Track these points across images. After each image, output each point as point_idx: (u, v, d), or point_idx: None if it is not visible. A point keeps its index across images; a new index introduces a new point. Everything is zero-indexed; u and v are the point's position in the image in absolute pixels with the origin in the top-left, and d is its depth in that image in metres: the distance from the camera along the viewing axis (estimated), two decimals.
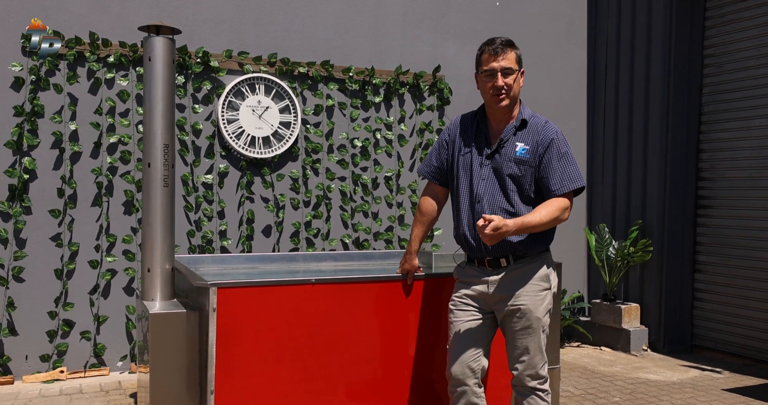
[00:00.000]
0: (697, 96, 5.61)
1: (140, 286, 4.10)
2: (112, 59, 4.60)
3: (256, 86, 5.01)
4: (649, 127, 5.71)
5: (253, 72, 5.00)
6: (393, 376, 3.15)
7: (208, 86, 4.89)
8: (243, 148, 4.95)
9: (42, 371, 4.49)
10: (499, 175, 2.78)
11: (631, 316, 5.61)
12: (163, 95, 3.21)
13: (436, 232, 5.53)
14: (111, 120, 4.66)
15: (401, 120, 5.52)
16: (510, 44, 2.76)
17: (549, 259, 2.85)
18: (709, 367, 5.09)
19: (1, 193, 4.41)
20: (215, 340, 2.83)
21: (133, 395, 4.17)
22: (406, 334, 3.17)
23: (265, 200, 5.09)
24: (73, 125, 4.56)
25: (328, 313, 3.02)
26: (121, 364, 4.71)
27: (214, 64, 4.87)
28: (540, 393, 2.77)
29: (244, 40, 5.02)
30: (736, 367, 5.10)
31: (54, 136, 4.51)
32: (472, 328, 2.80)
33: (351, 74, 5.26)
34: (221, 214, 4.97)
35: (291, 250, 5.15)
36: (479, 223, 2.52)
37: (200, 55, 4.82)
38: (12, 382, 4.37)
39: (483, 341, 2.82)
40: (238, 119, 4.95)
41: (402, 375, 3.16)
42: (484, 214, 2.55)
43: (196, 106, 4.88)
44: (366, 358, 3.10)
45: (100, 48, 4.57)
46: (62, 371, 4.49)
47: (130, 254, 4.70)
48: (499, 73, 2.72)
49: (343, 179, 5.32)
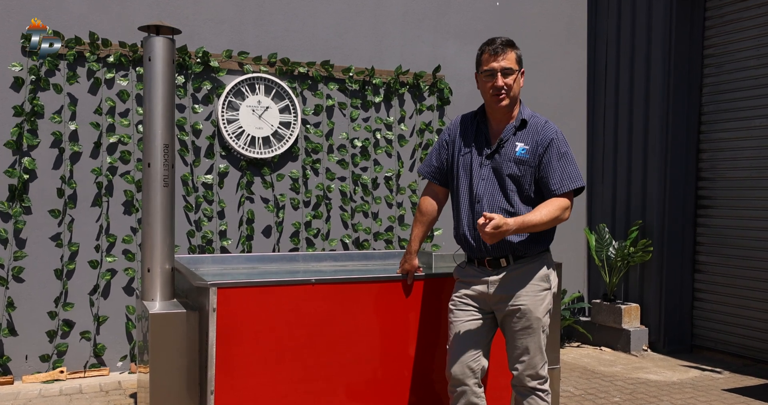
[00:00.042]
0: (697, 96, 5.61)
1: (140, 286, 4.10)
2: (112, 59, 4.60)
3: (256, 86, 5.01)
4: (649, 127, 5.71)
5: (253, 72, 5.00)
6: (393, 377, 3.15)
7: (208, 86, 4.89)
8: (243, 148, 4.95)
9: (42, 371, 4.49)
10: (498, 175, 2.78)
11: (631, 316, 5.61)
12: (163, 95, 3.21)
13: (436, 232, 5.53)
14: (111, 120, 4.66)
15: (401, 120, 5.52)
16: (510, 44, 2.76)
17: (549, 260, 2.85)
18: (709, 367, 5.09)
19: (1, 193, 4.41)
20: (215, 340, 2.83)
21: (133, 395, 4.17)
22: (406, 334, 3.17)
23: (265, 200, 5.09)
24: (72, 125, 4.56)
25: (328, 313, 3.02)
26: (121, 364, 4.71)
27: (214, 64, 4.87)
28: (540, 393, 2.77)
29: (244, 40, 5.01)
30: (736, 367, 5.10)
31: (54, 136, 4.51)
32: (472, 328, 2.80)
33: (351, 74, 5.26)
34: (221, 214, 4.96)
35: (291, 250, 5.15)
36: (480, 221, 2.52)
37: (200, 55, 4.81)
38: (12, 383, 4.37)
39: (483, 341, 2.82)
40: (238, 119, 4.95)
41: (402, 375, 3.16)
42: (485, 213, 2.55)
43: (196, 106, 4.88)
44: (366, 359, 3.10)
45: (100, 48, 4.57)
46: (62, 371, 4.49)
47: (129, 254, 4.70)
48: (499, 73, 2.72)
49: (343, 179, 5.32)
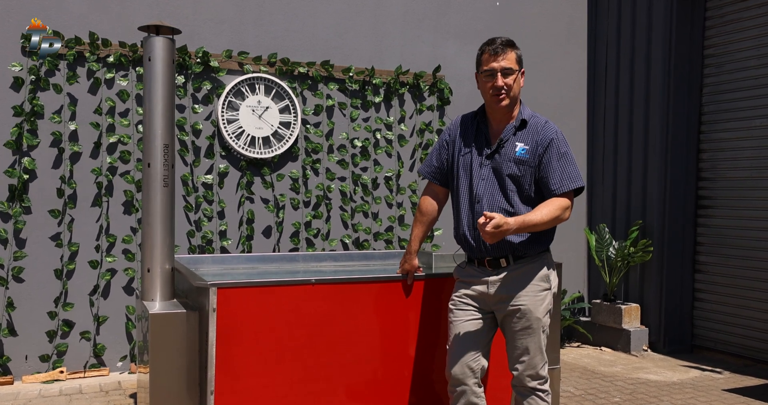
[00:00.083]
0: (697, 96, 5.60)
1: (140, 286, 4.09)
2: (111, 59, 4.60)
3: (256, 86, 5.01)
4: (650, 127, 5.70)
5: (253, 72, 5.00)
6: (393, 377, 3.15)
7: (208, 86, 4.89)
8: (243, 148, 4.94)
9: (42, 371, 4.49)
10: (498, 175, 2.78)
11: (631, 317, 5.61)
12: (163, 95, 3.21)
13: (436, 233, 5.52)
14: (111, 120, 4.65)
15: (401, 120, 5.52)
16: (510, 44, 2.76)
17: (549, 260, 2.85)
18: (710, 368, 5.09)
19: (1, 193, 4.40)
20: (215, 340, 2.83)
21: (133, 396, 4.17)
22: (406, 334, 3.17)
23: (265, 200, 5.09)
24: (72, 125, 4.56)
25: (328, 313, 3.02)
26: (121, 364, 4.70)
27: (214, 64, 4.86)
28: (540, 393, 2.77)
29: (244, 40, 5.01)
30: (737, 367, 5.09)
31: (53, 136, 4.51)
32: (472, 328, 2.80)
33: (351, 74, 5.26)
34: (221, 215, 4.96)
35: (291, 251, 5.15)
36: (480, 221, 2.52)
37: (200, 55, 4.81)
38: (12, 383, 4.37)
39: (483, 341, 2.81)
40: (238, 119, 4.95)
41: (402, 375, 3.16)
42: (486, 212, 2.55)
43: (196, 106, 4.88)
44: (366, 359, 3.09)
45: (99, 48, 4.57)
46: (62, 371, 4.49)
47: (129, 254, 4.70)
48: (498, 74, 2.72)
49: (343, 179, 5.32)
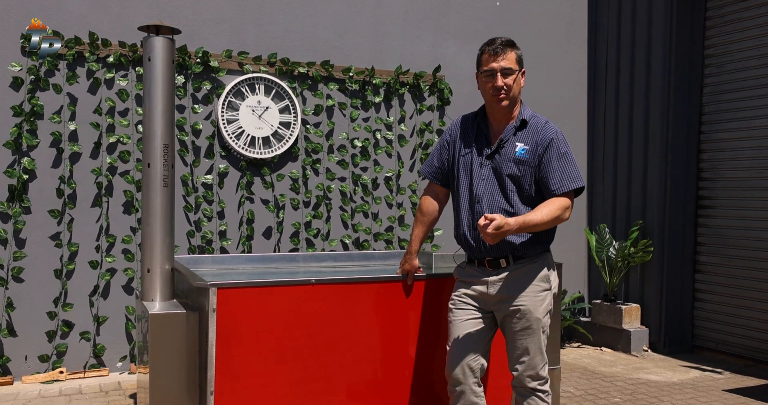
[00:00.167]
0: (697, 96, 5.60)
1: (140, 286, 4.09)
2: (111, 59, 4.59)
3: (256, 86, 5.00)
4: (650, 127, 5.70)
5: (253, 72, 5.00)
6: (393, 377, 3.14)
7: (207, 86, 4.88)
8: (243, 149, 4.94)
9: (41, 372, 4.48)
10: (498, 176, 2.78)
11: (631, 317, 5.60)
12: (163, 95, 3.21)
13: (436, 233, 5.52)
14: (110, 120, 4.65)
15: (401, 120, 5.51)
16: (510, 44, 2.76)
17: (549, 260, 2.85)
18: (710, 368, 5.08)
19: (1, 194, 4.40)
20: (215, 340, 2.82)
21: (133, 396, 4.16)
22: (407, 334, 3.17)
23: (265, 201, 5.08)
24: (72, 125, 4.55)
25: (328, 313, 3.02)
26: (121, 364, 4.70)
27: (214, 64, 4.86)
28: (540, 394, 2.76)
29: (244, 40, 5.01)
30: (737, 367, 5.09)
31: (53, 136, 4.51)
32: (472, 328, 2.79)
33: (351, 74, 5.26)
34: (221, 215, 4.96)
35: (291, 251, 5.14)
36: (480, 222, 2.52)
37: (200, 55, 4.81)
38: (11, 383, 4.37)
39: (482, 341, 2.81)
40: (238, 119, 4.95)
41: (402, 375, 3.16)
42: (486, 214, 2.54)
43: (196, 106, 4.87)
44: (366, 359, 3.09)
45: (99, 48, 4.57)
46: (62, 372, 4.48)
47: (129, 254, 4.69)
48: (498, 74, 2.72)
49: (343, 179, 5.32)
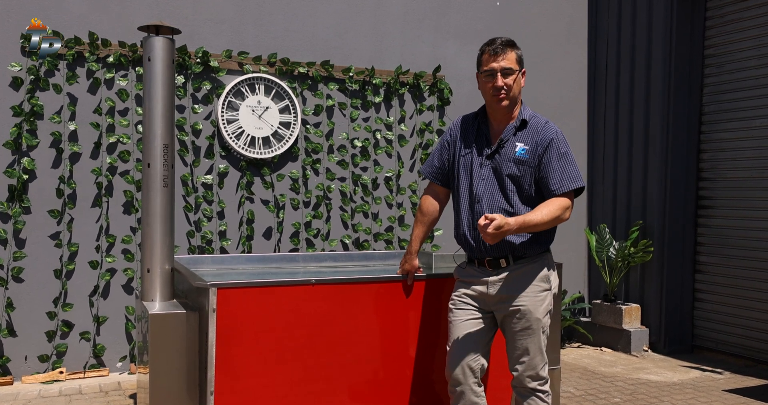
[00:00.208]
0: (697, 96, 5.60)
1: (140, 286, 4.09)
2: (111, 59, 4.59)
3: (256, 86, 5.00)
4: (650, 127, 5.70)
5: (253, 72, 5.00)
6: (393, 377, 3.14)
7: (207, 86, 4.88)
8: (243, 149, 4.94)
9: (41, 372, 4.48)
10: (498, 176, 2.78)
11: (631, 317, 5.60)
12: (163, 95, 3.21)
13: (436, 233, 5.52)
14: (110, 120, 4.65)
15: (401, 120, 5.51)
16: (510, 44, 2.75)
17: (549, 260, 2.85)
18: (710, 368, 5.08)
19: (1, 194, 4.40)
20: (215, 340, 2.82)
21: (133, 396, 4.16)
22: (407, 334, 3.16)
23: (265, 201, 5.08)
24: (72, 125, 4.55)
25: (328, 313, 3.01)
26: (121, 364, 4.70)
27: (214, 64, 4.86)
28: (540, 394, 2.76)
29: (244, 40, 5.01)
30: (737, 367, 5.09)
31: (53, 136, 4.50)
32: (472, 328, 2.79)
33: (351, 74, 5.26)
34: (221, 215, 4.96)
35: (291, 251, 5.14)
36: (480, 222, 2.51)
37: (200, 55, 4.81)
38: (11, 383, 4.36)
39: (482, 341, 2.81)
40: (238, 119, 4.94)
41: (402, 375, 3.16)
42: (486, 214, 2.54)
43: (196, 106, 4.87)
44: (366, 359, 3.09)
45: (99, 48, 4.56)
46: (61, 372, 4.48)
47: (129, 254, 4.69)
48: (498, 74, 2.72)
49: (343, 179, 5.31)
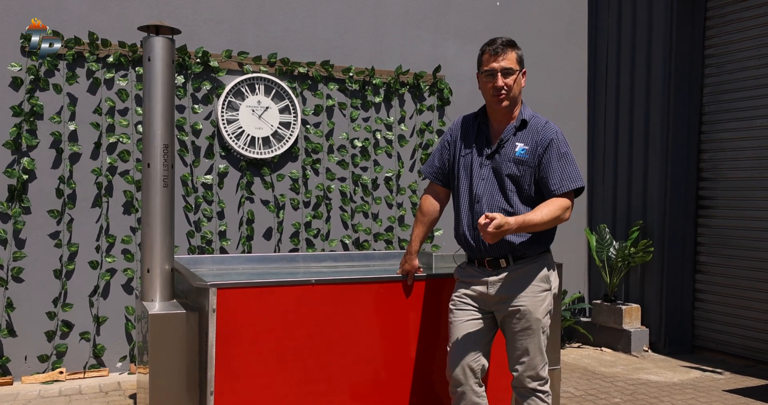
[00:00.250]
0: (698, 96, 5.60)
1: (139, 286, 4.09)
2: (111, 59, 4.59)
3: (256, 86, 5.00)
4: (650, 127, 5.70)
5: (253, 72, 4.99)
6: (394, 377, 3.14)
7: (207, 86, 4.88)
8: (243, 149, 4.94)
9: (41, 372, 4.48)
10: (498, 175, 2.78)
11: (631, 317, 5.60)
12: (163, 95, 3.21)
13: (436, 233, 5.51)
14: (110, 120, 4.65)
15: (401, 120, 5.51)
16: (511, 44, 2.75)
17: (549, 260, 2.84)
18: (710, 368, 5.08)
19: (0, 194, 4.40)
20: (215, 340, 2.82)
21: (133, 396, 4.16)
22: (407, 334, 3.16)
23: (265, 202, 5.08)
24: (72, 125, 4.55)
25: (328, 313, 3.01)
26: (121, 364, 4.70)
27: (214, 64, 4.86)
28: (540, 394, 2.76)
29: (244, 40, 5.01)
30: (737, 367, 5.09)
31: (53, 137, 4.50)
32: (472, 328, 2.79)
33: (351, 74, 5.25)
34: (221, 215, 4.95)
35: (291, 251, 5.14)
36: (480, 221, 2.51)
37: (200, 55, 4.80)
38: (11, 383, 4.36)
39: (483, 341, 2.81)
40: (238, 119, 4.94)
41: (403, 375, 3.15)
42: (486, 213, 2.54)
43: (196, 107, 4.87)
44: (366, 359, 3.09)
45: (99, 48, 4.56)
46: (61, 372, 4.48)
47: (129, 255, 4.69)
48: (499, 74, 2.72)
49: (343, 180, 5.31)
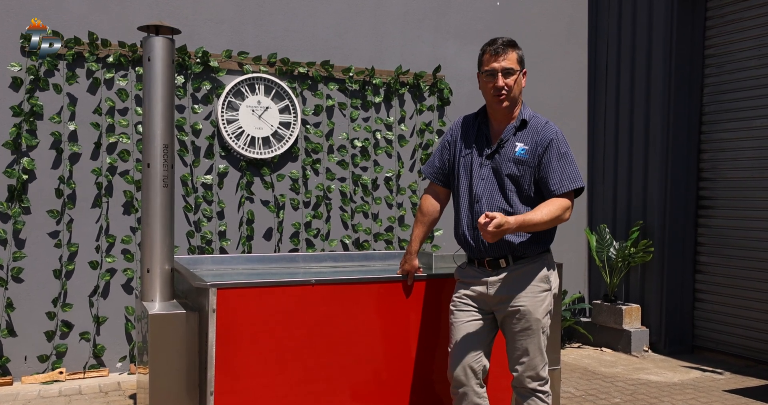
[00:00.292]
0: (698, 96, 5.60)
1: (139, 286, 4.08)
2: (111, 59, 4.59)
3: (256, 86, 5.00)
4: (650, 127, 5.69)
5: (253, 72, 4.99)
6: (394, 377, 3.14)
7: (207, 86, 4.88)
8: (243, 149, 4.93)
9: (41, 372, 4.48)
10: (498, 175, 2.77)
11: (631, 317, 5.60)
12: (163, 95, 3.21)
13: (436, 233, 5.51)
14: (110, 120, 4.64)
15: (401, 120, 5.51)
16: (512, 44, 2.75)
17: (549, 260, 2.84)
18: (710, 368, 5.08)
19: (0, 194, 4.39)
20: (215, 341, 2.82)
21: (133, 396, 4.16)
22: (407, 334, 3.16)
23: (265, 202, 5.08)
24: (72, 125, 4.55)
25: (328, 313, 3.01)
26: (121, 365, 4.69)
27: (214, 64, 4.85)
28: (540, 394, 2.76)
29: (244, 40, 5.00)
30: (738, 368, 5.08)
31: (53, 137, 4.50)
32: (473, 329, 2.79)
33: (351, 74, 5.25)
34: (221, 215, 4.95)
35: (291, 251, 5.14)
36: (481, 220, 2.51)
37: (200, 55, 4.80)
38: (11, 384, 4.36)
39: (484, 342, 2.81)
40: (238, 119, 4.94)
41: (403, 376, 3.15)
42: (486, 212, 2.53)
43: (196, 107, 4.87)
44: (366, 359, 3.09)
45: (99, 48, 4.56)
46: (61, 372, 4.48)
47: (129, 255, 4.69)
48: (499, 74, 2.71)
49: (343, 180, 5.31)
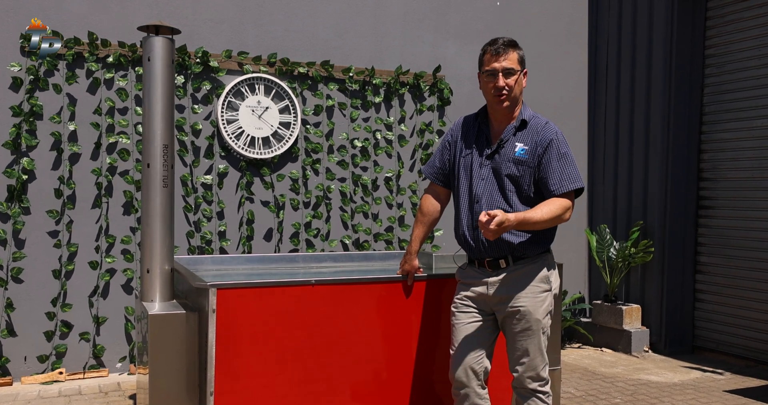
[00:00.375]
0: (698, 96, 5.59)
1: (139, 286, 4.08)
2: (111, 59, 4.58)
3: (256, 86, 4.99)
4: (650, 127, 5.69)
5: (253, 72, 4.99)
6: (394, 378, 3.13)
7: (207, 86, 4.88)
8: (242, 149, 4.93)
9: (40, 372, 4.47)
10: (497, 176, 2.77)
11: (632, 317, 5.59)
12: (163, 95, 3.20)
13: (436, 233, 5.51)
14: (110, 120, 4.64)
15: (401, 120, 5.50)
16: (512, 44, 2.75)
17: (549, 261, 2.84)
18: (711, 369, 5.07)
19: (0, 194, 4.39)
20: (215, 341, 2.81)
21: (132, 396, 4.16)
22: (407, 335, 3.16)
23: (265, 202, 5.07)
24: (72, 125, 4.54)
25: (328, 314, 3.01)
26: (120, 365, 4.69)
27: (214, 64, 4.85)
28: (541, 395, 2.75)
29: (244, 40, 5.00)
30: (738, 368, 5.08)
31: (53, 137, 4.50)
32: (474, 330, 2.79)
33: (351, 74, 5.25)
34: (221, 215, 4.95)
35: (291, 251, 5.13)
36: (482, 218, 2.49)
37: (200, 55, 4.80)
38: (11, 384, 4.36)
39: (485, 343, 2.80)
40: (238, 119, 4.94)
41: (403, 376, 3.15)
42: (487, 211, 2.53)
43: (196, 107, 4.86)
44: (366, 360, 3.08)
45: (99, 48, 4.56)
46: (61, 372, 4.47)
47: (129, 255, 4.68)
48: (500, 74, 2.71)
49: (343, 180, 5.31)
